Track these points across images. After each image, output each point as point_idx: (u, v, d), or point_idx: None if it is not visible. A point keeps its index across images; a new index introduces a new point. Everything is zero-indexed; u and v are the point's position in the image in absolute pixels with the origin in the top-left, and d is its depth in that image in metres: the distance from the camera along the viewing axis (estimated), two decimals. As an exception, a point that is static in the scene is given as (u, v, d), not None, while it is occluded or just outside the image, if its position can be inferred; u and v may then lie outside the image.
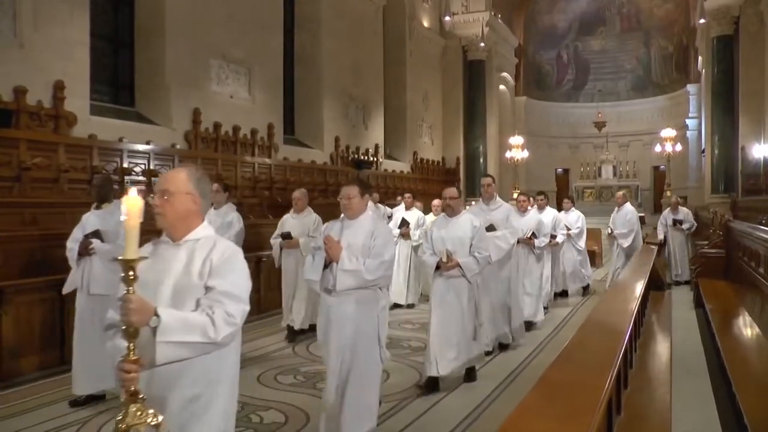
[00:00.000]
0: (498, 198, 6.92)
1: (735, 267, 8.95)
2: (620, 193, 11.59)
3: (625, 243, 10.68)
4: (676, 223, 11.96)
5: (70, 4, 9.93)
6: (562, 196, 25.50)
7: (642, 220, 13.19)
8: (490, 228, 6.44)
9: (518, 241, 7.52)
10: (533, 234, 7.96)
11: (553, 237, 9.18)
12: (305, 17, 16.85)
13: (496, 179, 27.14)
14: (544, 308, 8.73)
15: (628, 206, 11.12)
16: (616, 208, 11.16)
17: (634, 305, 4.29)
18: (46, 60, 9.50)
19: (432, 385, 5.38)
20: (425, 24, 23.34)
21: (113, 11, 11.90)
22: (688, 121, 26.56)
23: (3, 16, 8.95)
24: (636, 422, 3.35)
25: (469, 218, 5.65)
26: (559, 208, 10.97)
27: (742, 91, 19.26)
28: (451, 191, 5.73)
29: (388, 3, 20.31)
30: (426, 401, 5.11)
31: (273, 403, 5.09)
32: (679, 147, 23.71)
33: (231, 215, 6.45)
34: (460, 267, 5.37)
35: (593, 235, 15.40)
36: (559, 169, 30.96)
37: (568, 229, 10.53)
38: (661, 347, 5.30)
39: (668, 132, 23.16)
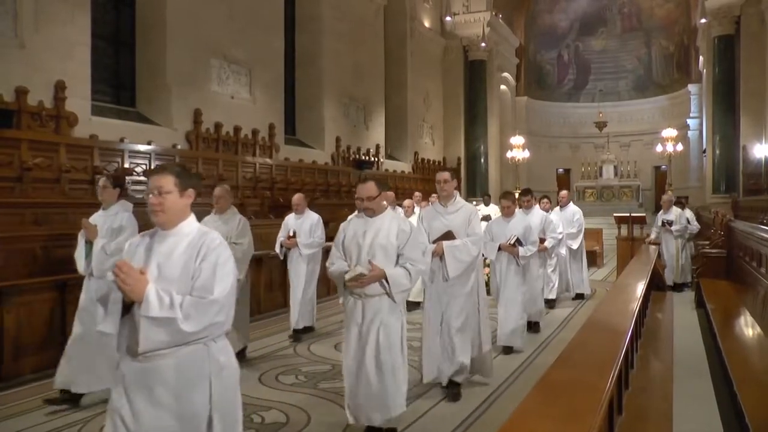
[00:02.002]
0: (459, 198, 5.55)
1: (736, 267, 8.95)
2: (563, 192, 10.87)
3: (575, 244, 10.12)
4: (665, 223, 11.30)
5: (71, 5, 9.94)
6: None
7: (643, 220, 13.12)
8: (448, 235, 5.28)
9: (500, 248, 6.76)
10: (518, 240, 6.74)
11: (542, 241, 8.14)
12: (306, 17, 16.86)
13: (498, 179, 27.01)
14: (534, 323, 7.86)
15: (573, 206, 10.50)
16: (558, 208, 10.33)
17: (636, 305, 4.29)
18: (47, 60, 9.51)
19: None
20: (426, 24, 23.34)
21: (114, 11, 11.92)
22: (689, 121, 26.56)
23: (4, 17, 8.96)
24: (637, 423, 3.35)
25: (397, 220, 4.28)
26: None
27: (744, 91, 19.27)
28: (366, 189, 4.22)
29: (389, 3, 20.32)
30: (427, 402, 5.11)
31: (274, 403, 5.08)
32: (680, 147, 23.66)
33: (121, 217, 5.21)
34: (386, 282, 4.04)
35: (594, 234, 15.43)
36: (560, 169, 30.95)
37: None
38: (663, 347, 5.30)
39: (669, 132, 23.10)
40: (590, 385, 2.41)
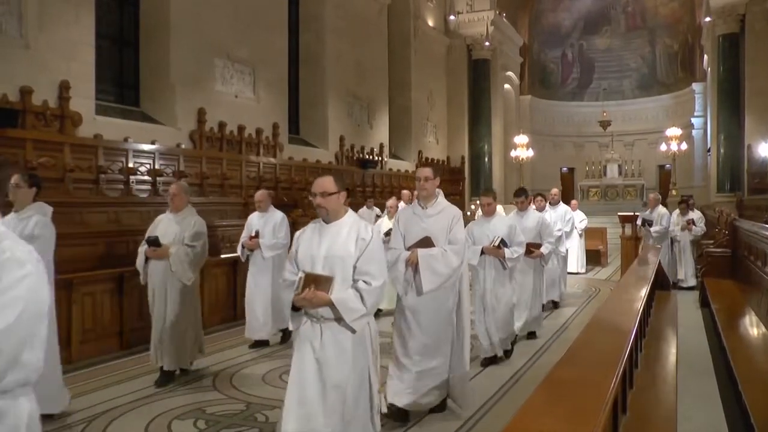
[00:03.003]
0: (441, 198, 4.82)
1: (741, 266, 8.92)
2: (554, 190, 10.21)
3: (563, 248, 9.61)
4: (645, 223, 11.00)
5: (75, 5, 9.96)
6: (567, 195, 25.65)
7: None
8: (426, 242, 4.61)
9: (482, 251, 6.10)
10: (502, 242, 6.05)
11: (537, 246, 7.26)
12: (310, 17, 16.86)
13: (502, 178, 27.05)
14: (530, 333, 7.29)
15: (564, 205, 10.02)
16: (548, 206, 9.40)
17: (640, 305, 4.27)
18: (51, 60, 9.53)
19: None
20: (430, 23, 23.33)
21: (118, 11, 11.94)
22: (693, 120, 26.51)
23: (9, 17, 8.99)
24: (641, 422, 3.34)
25: (357, 226, 3.50)
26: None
27: (748, 90, 19.21)
28: (322, 182, 3.49)
29: (392, 2, 20.31)
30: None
31: (278, 402, 5.07)
32: (684, 146, 23.64)
33: (35, 222, 4.53)
34: (334, 306, 3.30)
35: (598, 233, 15.42)
36: (564, 168, 30.92)
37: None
38: (667, 347, 5.29)
39: (673, 131, 23.10)
40: (595, 384, 2.40)
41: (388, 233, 6.68)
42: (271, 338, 7.12)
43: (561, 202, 10.19)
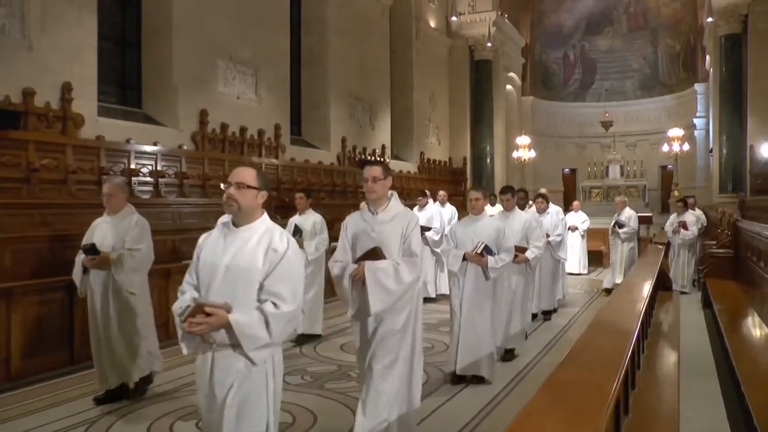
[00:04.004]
0: (394, 202, 4.10)
1: (743, 267, 8.92)
2: (542, 191, 9.76)
3: (564, 254, 9.22)
4: (617, 225, 10.78)
5: (77, 6, 9.99)
6: (569, 196, 25.61)
7: (650, 220, 13.05)
8: (375, 253, 3.94)
9: (464, 258, 5.46)
10: (486, 249, 5.42)
11: (522, 250, 6.54)
12: (312, 18, 16.88)
13: (504, 179, 27.06)
14: (508, 351, 6.44)
15: (553, 206, 9.41)
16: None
17: (642, 305, 4.27)
18: (54, 62, 9.55)
19: None
20: (432, 24, 23.34)
21: (120, 12, 11.96)
22: (695, 121, 26.45)
23: (12, 19, 9.01)
24: (644, 423, 3.34)
25: (270, 235, 2.87)
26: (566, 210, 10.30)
27: (751, 90, 19.16)
28: (243, 173, 2.90)
29: (394, 3, 20.32)
30: (433, 402, 5.10)
31: (280, 403, 5.08)
32: (686, 146, 23.61)
33: None
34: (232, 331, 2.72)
35: (600, 234, 15.39)
36: (566, 169, 30.89)
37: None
38: (669, 348, 5.28)
39: (676, 131, 23.07)
40: (597, 386, 2.40)
41: None
42: None
43: (550, 203, 9.49)
